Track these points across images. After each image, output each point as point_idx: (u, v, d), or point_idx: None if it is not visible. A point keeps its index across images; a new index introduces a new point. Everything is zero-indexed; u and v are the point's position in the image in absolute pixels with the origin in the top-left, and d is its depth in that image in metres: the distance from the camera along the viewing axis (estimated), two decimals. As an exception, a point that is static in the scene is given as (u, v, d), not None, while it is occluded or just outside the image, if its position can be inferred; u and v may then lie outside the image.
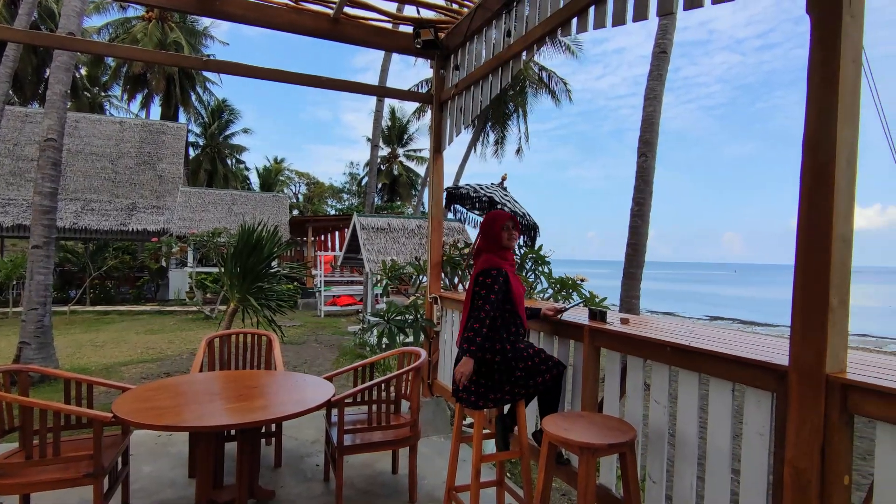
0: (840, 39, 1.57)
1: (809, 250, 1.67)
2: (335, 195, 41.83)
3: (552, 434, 2.03)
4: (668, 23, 8.26)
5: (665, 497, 2.33)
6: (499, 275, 2.57)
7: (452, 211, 5.14)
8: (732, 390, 2.04)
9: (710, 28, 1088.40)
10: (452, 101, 4.27)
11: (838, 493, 1.64)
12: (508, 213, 2.82)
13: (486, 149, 22.83)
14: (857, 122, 1.64)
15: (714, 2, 1.96)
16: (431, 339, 4.58)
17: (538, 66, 20.58)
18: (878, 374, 1.67)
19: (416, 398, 3.28)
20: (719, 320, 30.27)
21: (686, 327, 2.72)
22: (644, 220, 8.54)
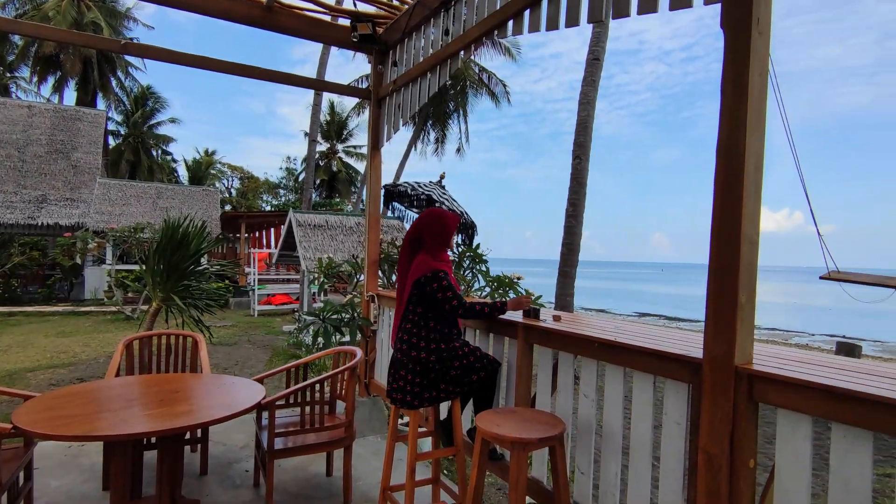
0: (749, 54, 1.69)
1: (721, 251, 1.78)
2: (271, 191, 40.44)
3: (485, 430, 2.06)
4: (600, 31, 8.60)
5: (592, 486, 2.43)
6: (447, 276, 2.67)
7: (391, 209, 5.10)
8: (654, 382, 2.15)
9: (641, 39, 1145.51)
10: (391, 97, 4.23)
11: (745, 475, 1.77)
12: (456, 215, 2.83)
13: (427, 147, 22.87)
14: (764, 131, 1.77)
15: (639, 13, 2.05)
16: (368, 338, 4.52)
17: (478, 66, 20.83)
18: (779, 364, 1.82)
19: (351, 398, 3.22)
20: (647, 316, 31.94)
21: (613, 324, 2.84)
22: (578, 221, 8.85)
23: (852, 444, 1.53)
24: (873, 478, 1.52)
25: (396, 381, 2.66)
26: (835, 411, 1.55)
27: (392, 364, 2.72)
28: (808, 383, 1.61)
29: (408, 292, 2.70)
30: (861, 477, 1.52)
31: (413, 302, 2.68)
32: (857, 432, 1.52)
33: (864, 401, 1.48)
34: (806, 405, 1.63)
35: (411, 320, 2.68)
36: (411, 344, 2.62)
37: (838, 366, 1.85)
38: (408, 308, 2.71)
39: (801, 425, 1.67)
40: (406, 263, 2.79)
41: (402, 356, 2.63)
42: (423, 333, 2.63)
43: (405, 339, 2.65)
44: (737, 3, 1.72)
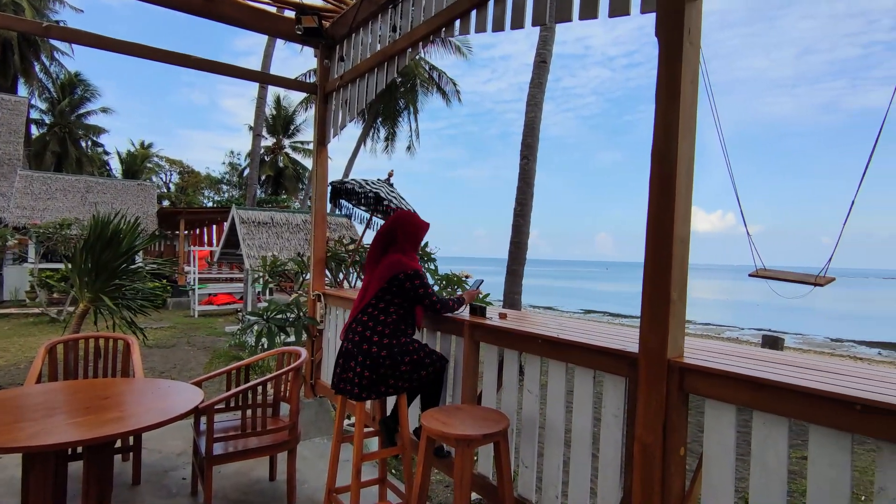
0: (681, 62, 1.78)
1: (655, 250, 1.86)
2: (213, 186, 38.83)
3: (430, 428, 2.07)
4: (547, 35, 8.80)
5: (536, 479, 2.48)
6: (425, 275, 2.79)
7: (339, 206, 5.01)
8: (594, 377, 2.22)
9: (586, 44, 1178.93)
10: (338, 92, 4.15)
11: (676, 463, 1.87)
12: (427, 222, 2.93)
13: (377, 144, 22.65)
14: (694, 136, 1.86)
15: (580, 18, 2.11)
16: (314, 338, 4.43)
17: (429, 65, 20.82)
18: (708, 357, 1.92)
19: (295, 400, 3.15)
20: (593, 313, 32.98)
21: (557, 321, 2.92)
22: (526, 220, 9.02)
23: (771, 430, 1.65)
24: (790, 460, 1.63)
25: (345, 373, 2.63)
26: (756, 400, 1.66)
27: (341, 355, 2.69)
28: (733, 374, 1.71)
29: (377, 286, 2.70)
30: (778, 460, 1.63)
31: (381, 297, 2.69)
32: (775, 419, 1.63)
33: (781, 389, 1.58)
34: (730, 395, 1.73)
35: (370, 314, 2.67)
36: (364, 337, 2.60)
37: (761, 358, 1.97)
38: (371, 302, 2.70)
39: (726, 414, 1.77)
40: (376, 259, 2.81)
41: (353, 347, 2.60)
42: (378, 328, 2.62)
43: (359, 330, 2.63)
44: (669, 13, 1.80)
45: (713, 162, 6.99)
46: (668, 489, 1.87)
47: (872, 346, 22.00)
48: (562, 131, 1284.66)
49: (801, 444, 6.10)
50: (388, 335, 2.62)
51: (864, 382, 1.58)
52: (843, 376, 1.67)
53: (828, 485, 1.51)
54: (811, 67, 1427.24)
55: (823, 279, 6.38)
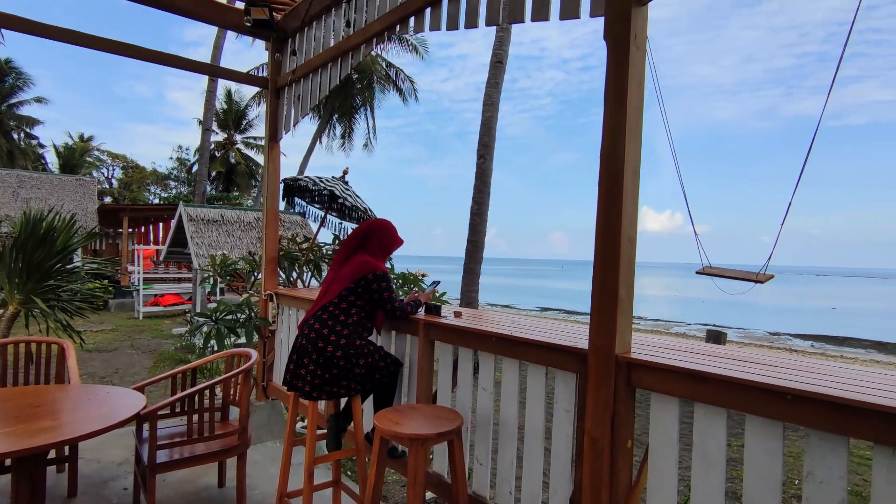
0: (628, 66, 1.83)
1: (603, 248, 1.91)
2: (160, 182, 37.18)
3: (383, 429, 2.05)
4: (503, 35, 8.89)
5: (490, 476, 2.50)
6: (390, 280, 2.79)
7: (293, 204, 4.90)
8: (546, 374, 2.26)
9: (542, 46, 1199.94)
10: (290, 87, 4.05)
11: (623, 455, 1.92)
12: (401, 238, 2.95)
13: (333, 141, 22.27)
14: (641, 138, 1.92)
15: (532, 20, 2.14)
16: (266, 339, 4.32)
17: (386, 62, 20.65)
18: (654, 352, 1.98)
19: (245, 403, 3.05)
20: (548, 310, 33.64)
21: (511, 319, 2.95)
22: (483, 219, 9.09)
23: (711, 420, 1.72)
24: (729, 449, 1.71)
25: (299, 369, 2.58)
26: (697, 392, 1.73)
27: (295, 350, 2.63)
28: (676, 368, 1.77)
29: (342, 285, 2.67)
30: (718, 449, 1.70)
31: (345, 296, 2.65)
32: (715, 410, 1.71)
33: (720, 382, 1.66)
34: (674, 388, 1.80)
35: (330, 312, 2.63)
36: (321, 335, 2.55)
37: (703, 352, 2.06)
38: (332, 301, 2.66)
39: (671, 407, 1.84)
40: (344, 258, 2.78)
41: (308, 344, 2.55)
42: (337, 328, 2.58)
43: (316, 327, 2.58)
44: (616, 18, 1.85)
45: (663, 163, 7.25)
46: (615, 481, 1.92)
47: (806, 339, 23.45)
48: (519, 131, 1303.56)
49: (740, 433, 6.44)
50: (345, 336, 2.59)
51: (795, 373, 1.68)
52: (776, 368, 1.76)
53: (762, 470, 1.59)
54: (752, 75, 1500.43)
55: (763, 276, 6.74)
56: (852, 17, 4.99)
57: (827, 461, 1.46)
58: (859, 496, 4.08)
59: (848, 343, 22.36)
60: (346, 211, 4.50)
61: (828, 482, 1.46)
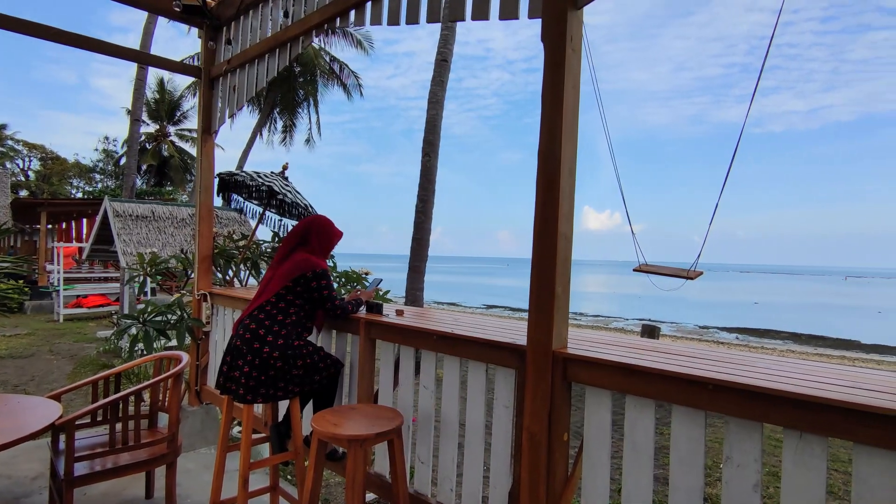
0: (564, 68, 1.87)
1: (541, 246, 1.95)
2: (83, 175, 34.70)
3: (320, 430, 2.00)
4: (448, 34, 8.91)
5: (432, 474, 2.50)
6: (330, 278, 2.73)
7: (231, 200, 4.70)
8: (486, 370, 2.28)
9: (488, 47, 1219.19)
10: (225, 78, 3.87)
11: (560, 448, 1.97)
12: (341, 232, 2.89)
13: (274, 136, 21.55)
14: (576, 138, 1.97)
15: (472, 18, 2.15)
16: (200, 341, 4.12)
17: (330, 56, 20.21)
18: (589, 347, 2.04)
19: (175, 409, 2.90)
20: (494, 308, 34.11)
21: (452, 316, 2.96)
22: (428, 217, 9.08)
23: (640, 411, 1.79)
24: (657, 438, 1.79)
25: (232, 371, 2.48)
26: (628, 385, 1.79)
27: (229, 351, 2.52)
28: (609, 362, 1.83)
29: (280, 284, 2.59)
30: (646, 438, 1.78)
31: (283, 295, 2.57)
32: (644, 402, 1.78)
33: (649, 374, 1.73)
34: (607, 381, 1.86)
35: (267, 311, 2.54)
36: (256, 335, 2.45)
37: (636, 346, 2.14)
38: (270, 300, 2.57)
39: (604, 399, 1.90)
40: (284, 256, 2.71)
41: (243, 345, 2.45)
42: (274, 328, 2.50)
43: (251, 327, 2.48)
44: (553, 21, 1.88)
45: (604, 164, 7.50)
46: (553, 473, 1.96)
47: (732, 332, 25.07)
48: (465, 130, 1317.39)
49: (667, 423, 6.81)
50: (283, 336, 2.51)
51: (716, 365, 1.77)
52: (700, 360, 1.85)
53: (687, 457, 1.67)
54: (683, 82, 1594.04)
55: (694, 273, 7.13)
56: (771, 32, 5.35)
57: (744, 446, 1.56)
58: (775, 476, 4.39)
59: (768, 335, 24.09)
60: (285, 207, 4.36)
61: (744, 465, 1.55)
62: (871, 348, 19.99)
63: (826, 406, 1.38)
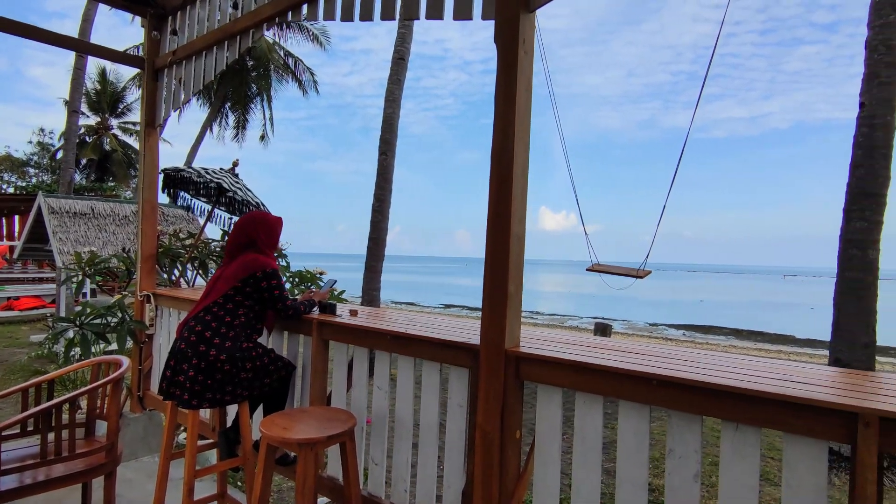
0: (517, 69, 1.89)
1: (495, 245, 1.96)
2: (16, 169, 32.49)
3: (269, 435, 1.94)
4: (405, 32, 8.87)
5: (386, 475, 2.48)
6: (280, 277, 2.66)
7: (178, 197, 4.51)
8: (440, 370, 2.28)
9: (446, 47, 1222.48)
10: (170, 69, 3.71)
11: (512, 445, 1.99)
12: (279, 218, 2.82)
13: (226, 131, 20.85)
14: (528, 139, 1.99)
15: (427, 17, 2.14)
16: (143, 345, 3.93)
17: (284, 50, 19.73)
18: (542, 345, 2.08)
19: (114, 416, 2.75)
20: (452, 307, 34.22)
21: (407, 316, 2.94)
22: (384, 216, 9.01)
23: (589, 407, 1.83)
24: (605, 432, 1.83)
25: (176, 376, 2.37)
26: (578, 382, 1.83)
27: (172, 355, 2.42)
28: (559, 360, 1.87)
29: (229, 284, 2.50)
30: (594, 433, 1.82)
31: (231, 296, 2.49)
32: (593, 397, 1.82)
33: (597, 371, 1.77)
34: (558, 379, 1.89)
35: (214, 313, 2.45)
36: (203, 338, 2.36)
37: (587, 344, 2.19)
38: (217, 301, 2.49)
39: (555, 396, 1.94)
40: (231, 256, 2.63)
41: (188, 348, 2.35)
42: (221, 330, 2.41)
43: (197, 330, 2.39)
44: (506, 23, 1.90)
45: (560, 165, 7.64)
46: (505, 470, 1.98)
47: (679, 329, 26.13)
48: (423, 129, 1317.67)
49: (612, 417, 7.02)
50: (231, 338, 2.43)
51: (662, 361, 1.84)
52: (647, 356, 1.92)
53: (632, 450, 1.72)
54: (634, 88, 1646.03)
55: (643, 272, 7.39)
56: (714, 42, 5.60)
57: (685, 438, 1.62)
58: (716, 465, 4.61)
59: (712, 331, 25.24)
60: (235, 205, 4.22)
61: (686, 457, 1.62)
62: (804, 343, 21.29)
63: (759, 398, 1.45)
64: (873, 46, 5.10)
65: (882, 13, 5.06)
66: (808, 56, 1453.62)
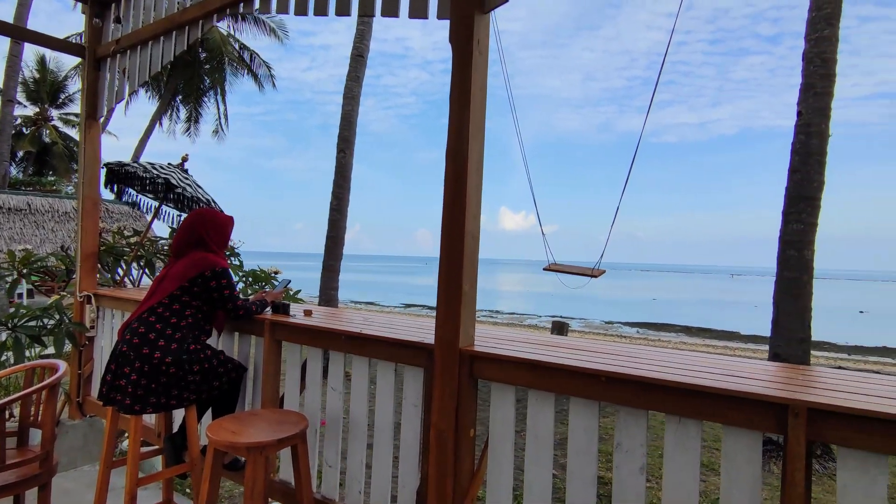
0: (472, 69, 1.89)
1: (449, 244, 1.97)
2: (-56, 161, 30.30)
3: (216, 440, 1.88)
4: (364, 29, 8.78)
5: (340, 477, 2.45)
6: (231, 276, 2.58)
7: (123, 193, 4.30)
8: (395, 370, 2.27)
9: (407, 45, 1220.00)
10: (114, 59, 3.53)
11: (466, 444, 2.00)
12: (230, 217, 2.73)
13: (177, 125, 20.06)
14: (483, 138, 2.00)
15: (382, 14, 2.12)
16: (83, 348, 3.73)
17: (239, 43, 19.16)
18: (496, 344, 2.09)
19: (49, 424, 2.60)
20: (413, 307, 34.13)
21: (363, 316, 2.91)
22: (343, 214, 8.89)
23: (542, 405, 1.86)
24: (557, 429, 1.87)
25: (117, 380, 2.27)
26: (531, 380, 1.86)
27: (113, 358, 2.31)
28: (513, 359, 1.89)
29: (175, 284, 2.41)
30: (546, 430, 1.85)
31: (178, 296, 2.40)
32: (545, 395, 1.85)
33: (549, 369, 1.80)
34: (511, 377, 1.91)
35: (159, 314, 2.36)
36: (146, 339, 2.26)
37: (540, 342, 2.22)
38: (162, 301, 2.39)
39: (508, 394, 1.96)
40: (177, 255, 2.54)
41: (130, 350, 2.25)
42: (167, 331, 2.32)
43: (140, 331, 2.29)
44: (461, 23, 1.91)
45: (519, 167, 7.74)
46: (459, 469, 1.99)
47: (633, 326, 26.99)
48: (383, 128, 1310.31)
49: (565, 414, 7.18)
50: (177, 340, 2.34)
51: (612, 358, 1.89)
52: (598, 354, 1.96)
53: (582, 445, 1.76)
54: (592, 92, 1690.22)
55: (598, 272, 7.58)
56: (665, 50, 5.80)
57: (632, 432, 1.67)
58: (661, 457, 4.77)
59: (664, 329, 26.19)
60: (185, 202, 4.06)
61: (632, 451, 1.66)
62: (748, 339, 22.39)
63: (700, 393, 1.51)
64: (810, 59, 5.41)
65: (817, 27, 5.36)
66: (754, 66, 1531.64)
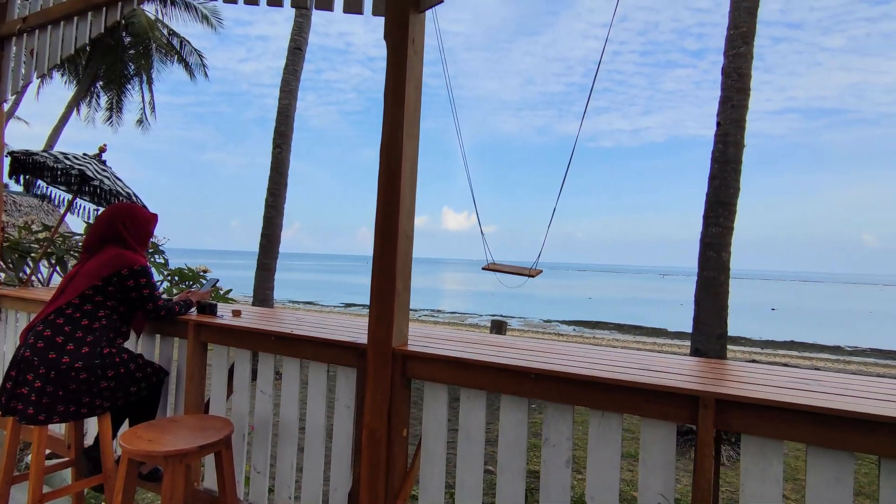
0: (406, 68, 1.89)
1: (383, 243, 1.95)
2: None
3: (130, 449, 1.76)
4: (303, 21, 8.54)
5: (269, 482, 2.37)
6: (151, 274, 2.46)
7: (33, 185, 3.95)
8: (327, 371, 2.22)
9: (349, 41, 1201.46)
10: (20, 38, 3.24)
11: (399, 444, 1.99)
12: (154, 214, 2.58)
13: (97, 113, 18.68)
14: (418, 137, 2.00)
15: (316, 7, 2.07)
16: (-18, 354, 3.40)
17: (168, 29, 18.13)
18: (429, 343, 2.10)
19: (-62, 439, 2.35)
20: (353, 306, 33.58)
21: (295, 316, 2.84)
22: (279, 212, 8.61)
23: (473, 403, 1.88)
24: (488, 427, 1.89)
25: (18, 388, 2.08)
26: (462, 378, 1.87)
27: (14, 364, 2.11)
28: (444, 357, 1.90)
29: (87, 283, 2.25)
30: (478, 427, 1.87)
31: (90, 296, 2.24)
32: (476, 393, 1.87)
33: (480, 367, 1.82)
34: (443, 376, 1.92)
35: (67, 315, 2.19)
36: (52, 343, 2.09)
37: (473, 341, 2.25)
38: (72, 302, 2.22)
39: (440, 393, 1.97)
40: (90, 252, 2.37)
41: (34, 356, 2.07)
42: (77, 334, 2.15)
43: (45, 335, 2.11)
44: (396, 21, 1.90)
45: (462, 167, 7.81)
46: (392, 468, 1.98)
47: (570, 325, 27.90)
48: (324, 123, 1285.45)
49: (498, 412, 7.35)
50: (88, 343, 2.17)
51: (543, 356, 1.93)
52: (529, 351, 2.01)
53: (512, 441, 1.79)
54: (531, 96, 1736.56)
55: (535, 271, 7.76)
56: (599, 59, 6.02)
57: (558, 427, 1.72)
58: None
59: (599, 327, 27.24)
60: (102, 195, 3.79)
61: (558, 444, 1.72)
62: (675, 335, 23.72)
63: (619, 387, 1.58)
64: (728, 73, 5.80)
65: (735, 44, 5.76)
66: (681, 78, 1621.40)
